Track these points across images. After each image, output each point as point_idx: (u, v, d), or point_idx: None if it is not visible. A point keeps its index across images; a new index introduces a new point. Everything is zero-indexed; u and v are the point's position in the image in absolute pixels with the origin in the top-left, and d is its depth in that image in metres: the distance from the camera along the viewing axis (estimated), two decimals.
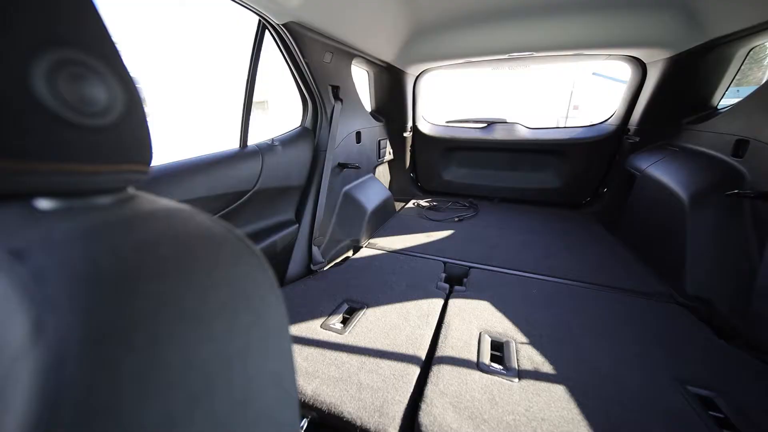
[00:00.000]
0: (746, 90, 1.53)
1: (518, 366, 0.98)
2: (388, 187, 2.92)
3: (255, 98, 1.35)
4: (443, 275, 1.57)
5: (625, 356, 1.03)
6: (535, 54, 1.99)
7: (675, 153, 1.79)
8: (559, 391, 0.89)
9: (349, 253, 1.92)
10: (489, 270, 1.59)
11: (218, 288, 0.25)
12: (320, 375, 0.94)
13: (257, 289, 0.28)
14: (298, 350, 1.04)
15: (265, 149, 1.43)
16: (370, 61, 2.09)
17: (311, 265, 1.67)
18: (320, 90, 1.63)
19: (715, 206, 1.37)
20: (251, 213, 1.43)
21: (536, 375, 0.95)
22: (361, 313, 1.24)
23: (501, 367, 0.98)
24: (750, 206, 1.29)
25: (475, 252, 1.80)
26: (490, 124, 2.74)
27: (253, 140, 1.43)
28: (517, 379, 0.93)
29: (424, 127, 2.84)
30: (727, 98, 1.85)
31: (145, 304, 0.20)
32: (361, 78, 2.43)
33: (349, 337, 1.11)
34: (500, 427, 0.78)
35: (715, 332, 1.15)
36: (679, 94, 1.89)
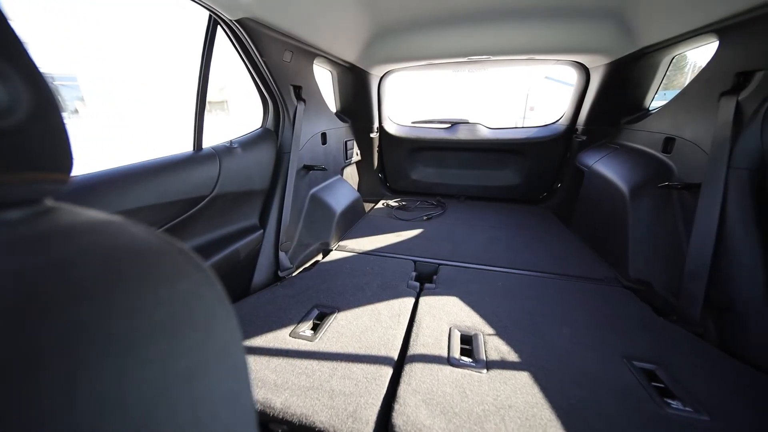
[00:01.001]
0: (671, 93, 1.73)
1: (486, 357, 1.02)
2: (356, 188, 2.90)
3: (213, 98, 1.28)
4: (413, 274, 1.58)
5: (580, 339, 1.11)
6: (492, 57, 2.09)
7: (616, 150, 1.97)
8: (523, 377, 0.93)
9: (319, 257, 1.88)
10: (457, 266, 1.64)
11: (153, 308, 0.22)
12: (290, 386, 0.90)
13: (203, 305, 0.26)
14: (265, 362, 0.99)
15: (223, 152, 1.35)
16: (333, 61, 2.06)
17: (279, 272, 1.61)
18: (281, 90, 1.57)
19: (651, 198, 1.53)
20: (210, 220, 1.34)
21: (502, 364, 0.99)
22: (332, 317, 1.22)
23: (470, 360, 1.01)
24: (678, 197, 1.45)
25: (443, 249, 1.84)
26: (454, 124, 2.83)
27: (219, 143, 1.35)
28: (485, 370, 0.96)
29: (391, 128, 2.86)
30: (656, 101, 2.08)
31: (59, 331, 0.18)
32: (325, 78, 2.39)
33: (320, 343, 1.08)
34: (471, 418, 0.80)
35: (655, 311, 1.29)
36: (618, 97, 2.09)
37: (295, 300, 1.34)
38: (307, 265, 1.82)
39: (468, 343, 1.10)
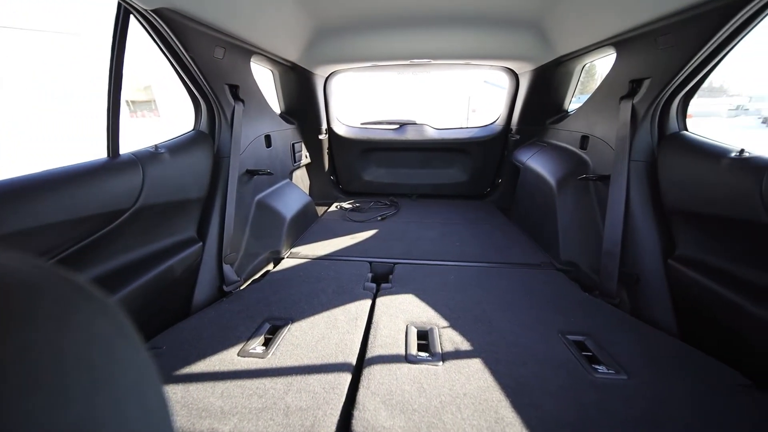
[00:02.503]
0: (584, 97, 1.98)
1: (442, 350, 1.05)
2: (308, 192, 2.81)
3: (137, 97, 1.12)
4: (369, 275, 1.58)
5: (524, 321, 1.21)
6: (433, 61, 2.18)
7: (544, 147, 2.20)
8: (476, 364, 0.98)
9: (270, 267, 1.78)
10: (412, 264, 1.68)
11: (27, 353, 0.18)
12: (239, 410, 0.83)
13: (100, 344, 0.21)
14: (210, 389, 0.90)
15: (147, 158, 1.19)
16: (274, 60, 1.96)
17: (224, 287, 1.48)
18: (214, 89, 1.45)
19: (573, 189, 1.74)
20: (135, 236, 1.18)
21: (457, 355, 1.03)
22: (285, 330, 1.15)
23: (427, 355, 1.03)
24: (594, 187, 1.67)
25: (398, 248, 1.87)
26: (402, 125, 2.90)
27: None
28: (441, 363, 0.99)
29: (340, 129, 2.83)
30: (573, 103, 2.37)
31: None
32: (266, 78, 2.27)
33: (273, 359, 1.01)
34: (429, 412, 0.82)
35: (582, 288, 1.46)
36: (543, 100, 2.34)
37: (243, 315, 1.24)
38: (256, 276, 1.71)
39: (425, 338, 1.12)
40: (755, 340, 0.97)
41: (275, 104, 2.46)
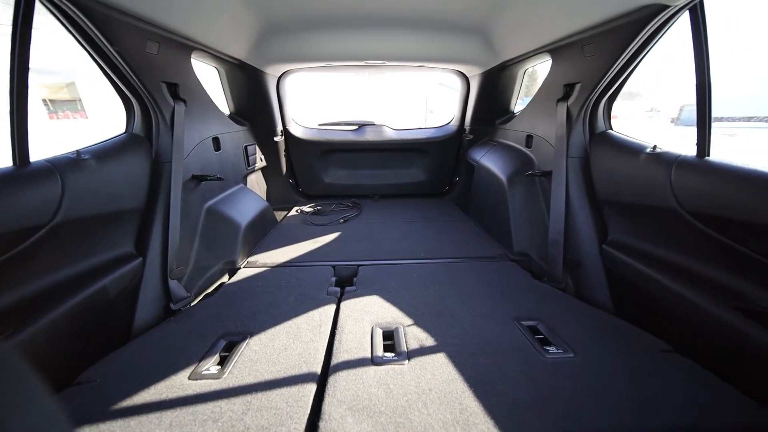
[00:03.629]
0: (528, 99, 2.14)
1: (407, 348, 1.06)
2: (265, 197, 2.67)
3: (58, 96, 0.96)
4: (333, 279, 1.55)
5: (483, 312, 1.27)
6: (388, 63, 2.20)
7: (495, 146, 2.34)
8: (440, 359, 1.01)
9: (224, 279, 1.66)
10: (376, 265, 1.68)
11: None
12: None
13: None
14: (156, 420, 0.81)
15: (66, 165, 1.04)
16: (219, 57, 1.83)
17: (171, 305, 1.35)
18: (148, 88, 1.31)
19: (522, 184, 1.87)
20: (55, 256, 1.02)
21: (422, 351, 1.05)
22: (243, 345, 1.08)
23: (393, 355, 1.03)
24: (539, 182, 1.81)
25: (362, 250, 1.86)
26: (361, 126, 2.89)
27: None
28: (407, 361, 1.00)
29: (296, 131, 2.74)
30: (519, 105, 2.55)
31: None
32: (213, 77, 2.11)
33: (230, 378, 0.94)
34: (396, 412, 0.82)
35: (533, 276, 1.57)
36: (492, 101, 2.49)
37: (194, 334, 1.14)
38: (210, 290, 1.58)
39: (390, 338, 1.13)
40: (672, 310, 1.12)
41: (224, 105, 2.30)
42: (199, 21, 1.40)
